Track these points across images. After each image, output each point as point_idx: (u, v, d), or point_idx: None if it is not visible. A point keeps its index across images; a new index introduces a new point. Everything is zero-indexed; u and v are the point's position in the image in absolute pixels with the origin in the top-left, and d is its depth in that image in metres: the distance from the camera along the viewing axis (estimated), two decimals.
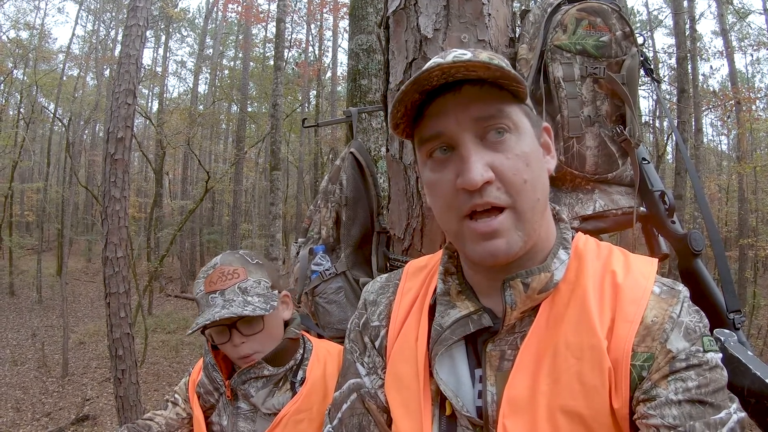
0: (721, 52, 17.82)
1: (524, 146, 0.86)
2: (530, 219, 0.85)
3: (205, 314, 1.37)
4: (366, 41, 3.93)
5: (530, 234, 0.86)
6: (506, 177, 0.84)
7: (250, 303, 1.40)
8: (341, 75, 24.63)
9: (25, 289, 20.87)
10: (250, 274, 1.46)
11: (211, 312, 1.36)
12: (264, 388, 1.44)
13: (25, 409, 10.83)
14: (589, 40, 1.49)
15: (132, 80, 6.06)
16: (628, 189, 1.55)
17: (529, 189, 0.85)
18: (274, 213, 11.37)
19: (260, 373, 1.43)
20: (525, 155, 0.85)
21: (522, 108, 0.89)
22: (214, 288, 1.42)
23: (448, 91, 0.86)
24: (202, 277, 1.46)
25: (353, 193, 1.78)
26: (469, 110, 0.85)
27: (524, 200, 0.85)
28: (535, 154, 0.88)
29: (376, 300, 1.10)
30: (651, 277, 0.88)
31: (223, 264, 1.46)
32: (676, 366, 0.78)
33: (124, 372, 5.82)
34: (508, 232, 0.84)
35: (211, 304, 1.40)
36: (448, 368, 0.91)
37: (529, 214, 0.85)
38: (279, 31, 12.45)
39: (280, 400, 1.43)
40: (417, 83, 0.83)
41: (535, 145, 0.89)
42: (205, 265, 1.50)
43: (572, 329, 0.84)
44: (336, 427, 1.02)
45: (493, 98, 0.85)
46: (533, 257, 0.91)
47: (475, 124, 0.85)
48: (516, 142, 0.86)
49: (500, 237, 0.84)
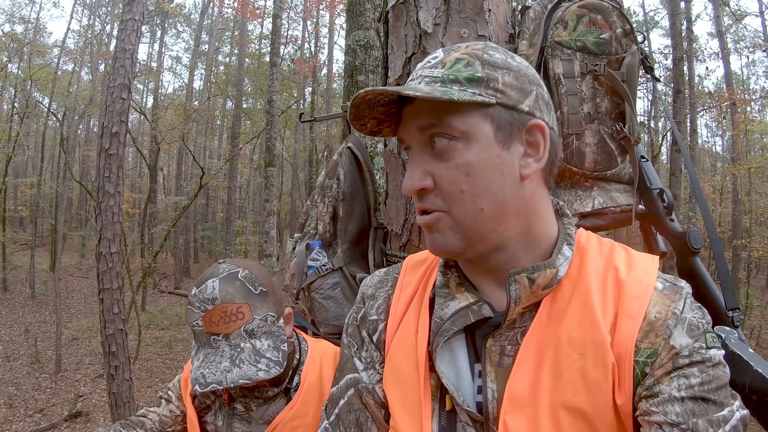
0: (717, 53, 17.88)
1: (469, 156, 0.84)
2: (469, 225, 0.86)
3: (213, 367, 1.28)
4: (363, 37, 3.91)
5: (475, 239, 0.87)
6: (442, 186, 0.86)
7: (261, 356, 1.31)
8: (337, 72, 24.65)
9: (18, 284, 20.79)
10: (255, 310, 1.35)
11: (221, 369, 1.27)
12: (263, 405, 1.43)
13: (18, 405, 10.78)
14: (589, 36, 1.49)
15: (127, 75, 6.03)
16: (627, 187, 1.54)
17: (467, 199, 0.85)
18: (268, 209, 11.36)
19: (265, 394, 1.42)
20: (466, 166, 0.84)
21: (485, 113, 0.84)
22: (217, 330, 1.31)
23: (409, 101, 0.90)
24: (199, 309, 1.33)
25: (350, 188, 1.77)
26: (416, 120, 0.88)
27: (460, 210, 0.85)
28: (485, 163, 0.84)
29: (375, 294, 1.08)
30: (653, 273, 0.87)
31: (224, 301, 1.32)
32: (679, 362, 0.78)
33: (117, 368, 5.80)
34: (443, 231, 0.88)
35: (215, 347, 1.31)
36: (448, 361, 0.90)
37: (466, 221, 0.86)
38: (275, 27, 12.42)
39: (275, 408, 1.42)
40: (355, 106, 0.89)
41: (491, 152, 0.84)
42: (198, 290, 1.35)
43: (575, 324, 0.83)
44: (333, 423, 1.01)
45: (437, 107, 0.85)
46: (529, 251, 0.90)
47: (419, 132, 0.88)
48: (461, 151, 0.84)
49: (437, 232, 0.88)
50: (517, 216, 0.88)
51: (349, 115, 0.90)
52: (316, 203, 1.86)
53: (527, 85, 0.88)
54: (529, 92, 0.88)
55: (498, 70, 0.87)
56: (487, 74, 0.85)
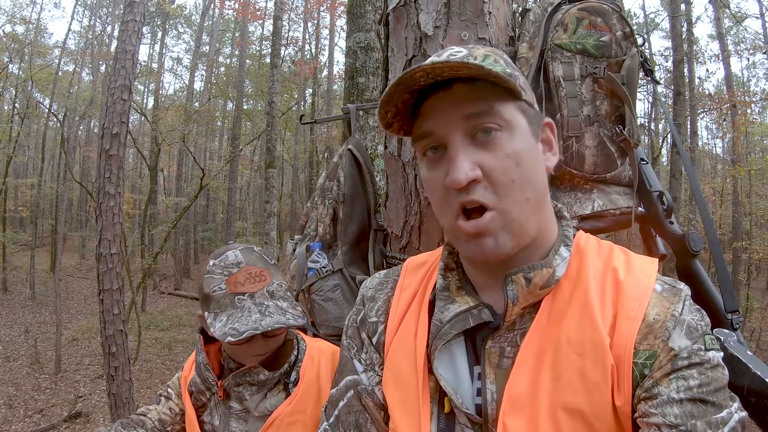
0: (718, 55, 17.89)
1: (516, 145, 0.85)
2: (519, 219, 0.85)
3: (235, 323, 1.32)
4: (364, 39, 3.92)
5: (520, 233, 0.86)
6: (494, 176, 0.84)
7: (285, 311, 1.38)
8: (338, 74, 24.68)
9: (18, 285, 20.76)
10: (274, 276, 1.44)
11: (252, 319, 1.32)
12: (258, 393, 1.42)
13: (18, 405, 10.77)
14: (589, 39, 1.49)
15: (128, 76, 6.03)
16: (627, 189, 1.55)
17: (517, 189, 0.84)
18: (268, 211, 11.37)
19: (256, 377, 1.41)
20: (515, 154, 0.84)
21: (518, 105, 0.87)
22: (242, 290, 1.38)
23: (440, 89, 0.86)
24: (221, 274, 1.40)
25: (351, 190, 1.77)
26: (459, 108, 0.85)
27: (512, 200, 0.84)
28: (529, 153, 0.87)
29: (375, 296, 1.08)
30: (652, 275, 0.88)
31: (248, 264, 1.41)
32: (678, 364, 0.78)
33: (117, 369, 5.79)
34: (495, 232, 0.84)
35: (239, 306, 1.36)
36: (447, 364, 0.90)
37: (517, 214, 0.85)
38: (276, 29, 12.44)
39: (273, 402, 1.42)
40: (402, 84, 0.84)
41: (530, 143, 0.88)
42: (218, 259, 1.43)
43: (574, 325, 0.83)
44: (333, 424, 1.01)
45: (484, 95, 0.84)
46: (532, 253, 0.90)
47: (464, 122, 0.85)
48: (507, 140, 0.85)
49: (488, 236, 0.85)
50: (544, 207, 0.91)
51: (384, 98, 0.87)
52: (317, 205, 1.86)
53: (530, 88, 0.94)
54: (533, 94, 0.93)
55: (515, 71, 0.92)
56: (513, 72, 0.89)
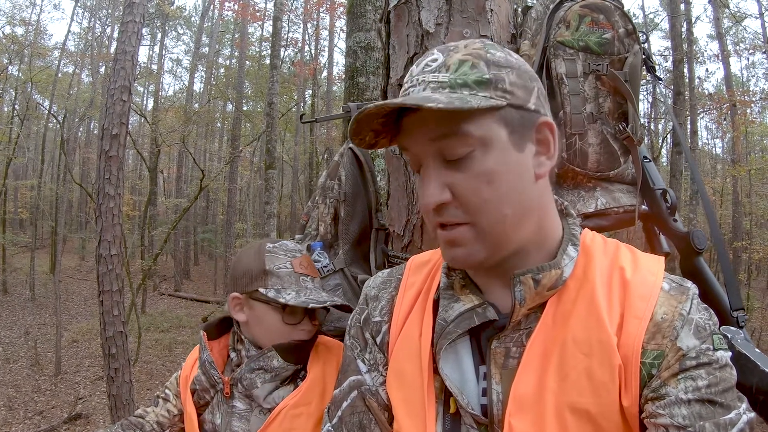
0: (717, 55, 17.91)
1: (489, 163, 0.82)
2: (494, 233, 0.84)
3: (310, 294, 1.41)
4: (364, 39, 3.91)
5: (496, 246, 0.86)
6: (464, 197, 0.83)
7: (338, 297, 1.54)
8: (337, 75, 24.74)
9: (18, 286, 20.77)
10: None
11: (324, 295, 1.44)
12: (270, 382, 1.41)
13: (18, 407, 10.76)
14: (591, 36, 1.48)
15: (128, 77, 6.02)
16: (630, 187, 1.53)
17: (491, 207, 0.83)
18: (268, 212, 11.37)
19: (269, 363, 1.40)
20: (487, 173, 0.82)
21: (498, 114, 0.82)
22: (307, 272, 1.48)
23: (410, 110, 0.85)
24: (285, 255, 1.47)
25: (352, 189, 1.76)
26: (427, 130, 0.83)
27: (485, 218, 0.83)
28: (506, 168, 0.83)
29: (378, 295, 1.07)
30: (659, 273, 0.86)
31: (306, 254, 1.55)
32: (686, 364, 0.77)
33: (117, 370, 5.78)
34: (467, 243, 0.85)
35: (303, 285, 1.44)
36: (452, 364, 0.89)
37: (492, 229, 0.84)
38: (276, 30, 12.45)
39: (282, 394, 1.41)
40: (359, 121, 0.84)
41: (509, 156, 0.83)
42: (277, 244, 1.51)
43: (581, 325, 0.82)
44: (336, 425, 1.00)
45: (452, 115, 0.81)
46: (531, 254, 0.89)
47: (432, 144, 0.84)
48: (479, 159, 0.82)
49: (459, 246, 0.86)
50: (533, 216, 0.87)
51: (350, 131, 0.86)
52: (318, 204, 1.85)
53: (529, 82, 0.86)
54: (531, 89, 0.86)
55: (503, 70, 0.84)
56: (495, 75, 0.83)
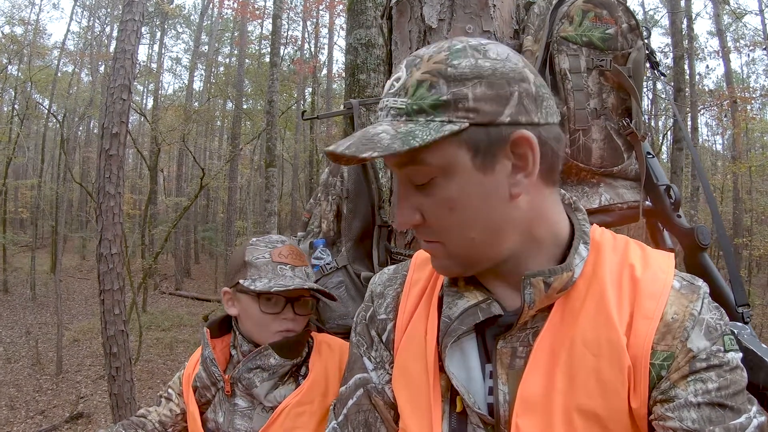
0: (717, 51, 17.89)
1: (451, 190, 0.79)
2: (464, 255, 0.85)
3: (279, 280, 1.41)
4: (365, 36, 3.90)
5: (469, 264, 0.87)
6: (430, 221, 0.84)
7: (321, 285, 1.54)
8: (337, 72, 24.73)
9: (18, 286, 20.78)
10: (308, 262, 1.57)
11: (297, 282, 1.42)
12: (269, 380, 1.41)
13: (19, 406, 10.77)
14: (595, 32, 1.47)
15: (127, 75, 6.01)
16: (633, 183, 1.53)
17: (456, 232, 0.82)
18: (269, 210, 11.37)
19: (266, 361, 1.40)
20: (449, 201, 0.80)
21: (459, 139, 0.77)
22: (285, 261, 1.47)
23: None
24: (265, 246, 1.49)
25: (355, 186, 1.75)
26: (391, 156, 0.78)
27: (451, 242, 0.84)
28: (470, 195, 0.79)
29: (384, 292, 1.06)
30: (670, 271, 0.84)
31: (291, 245, 1.53)
32: (697, 366, 0.76)
33: (119, 369, 5.78)
34: (441, 258, 0.87)
35: (280, 274, 1.44)
36: (458, 362, 0.87)
37: (460, 251, 0.84)
38: (275, 28, 12.43)
39: (283, 392, 1.41)
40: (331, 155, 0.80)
41: (473, 181, 0.79)
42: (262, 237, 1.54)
43: (589, 324, 0.80)
44: (341, 423, 0.99)
45: None
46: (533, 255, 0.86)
47: (397, 168, 0.84)
48: (442, 185, 0.80)
49: (437, 258, 0.88)
50: (514, 232, 0.83)
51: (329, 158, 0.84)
52: (320, 201, 1.84)
53: (506, 87, 0.77)
54: (509, 96, 0.77)
55: (467, 84, 0.76)
56: (454, 94, 0.76)
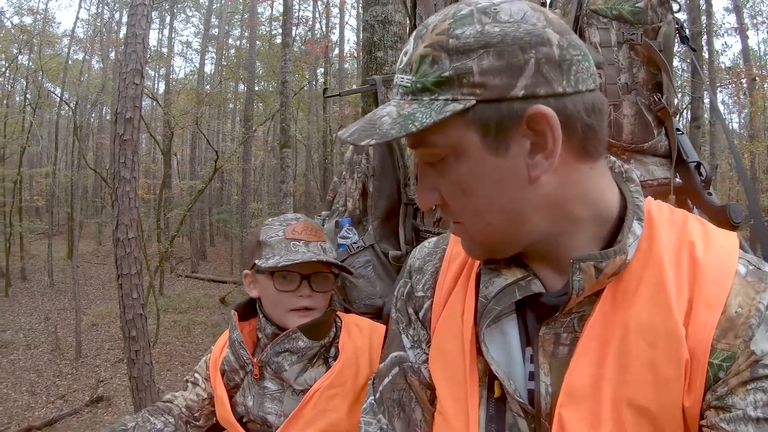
0: (735, 28, 17.60)
1: (462, 172, 0.74)
2: (483, 238, 0.80)
3: (290, 256, 1.39)
4: (381, 12, 3.85)
5: (494, 247, 0.81)
6: (447, 202, 0.80)
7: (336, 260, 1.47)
8: (349, 52, 24.64)
9: (36, 273, 21.05)
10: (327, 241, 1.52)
11: (302, 255, 1.39)
12: (298, 363, 1.39)
13: (40, 392, 10.95)
14: (625, 5, 1.44)
15: (139, 60, 6.00)
16: (663, 160, 1.50)
17: (472, 216, 0.78)
18: (284, 191, 11.38)
19: (295, 344, 1.38)
20: (461, 183, 0.75)
21: (466, 118, 0.71)
22: (298, 237, 1.44)
23: None
24: (279, 225, 1.47)
25: (380, 163, 1.73)
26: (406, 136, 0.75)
27: (469, 224, 0.79)
28: (481, 176, 0.74)
29: (422, 267, 1.01)
30: (734, 252, 0.74)
31: (306, 221, 1.50)
32: (759, 372, 0.66)
33: (138, 353, 5.83)
34: (465, 240, 0.85)
35: (293, 250, 1.41)
36: (498, 345, 0.81)
37: (478, 234, 0.80)
38: (286, 8, 12.38)
39: (313, 375, 1.39)
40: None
41: (483, 162, 0.73)
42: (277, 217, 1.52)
43: (645, 310, 0.71)
44: (378, 400, 0.97)
45: None
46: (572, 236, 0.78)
47: (413, 148, 0.80)
48: (453, 166, 0.75)
49: (462, 240, 0.86)
50: (540, 215, 0.76)
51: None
52: (345, 179, 1.83)
53: (519, 55, 0.68)
54: (523, 66, 0.68)
55: (471, 56, 0.69)
56: (457, 69, 0.69)
